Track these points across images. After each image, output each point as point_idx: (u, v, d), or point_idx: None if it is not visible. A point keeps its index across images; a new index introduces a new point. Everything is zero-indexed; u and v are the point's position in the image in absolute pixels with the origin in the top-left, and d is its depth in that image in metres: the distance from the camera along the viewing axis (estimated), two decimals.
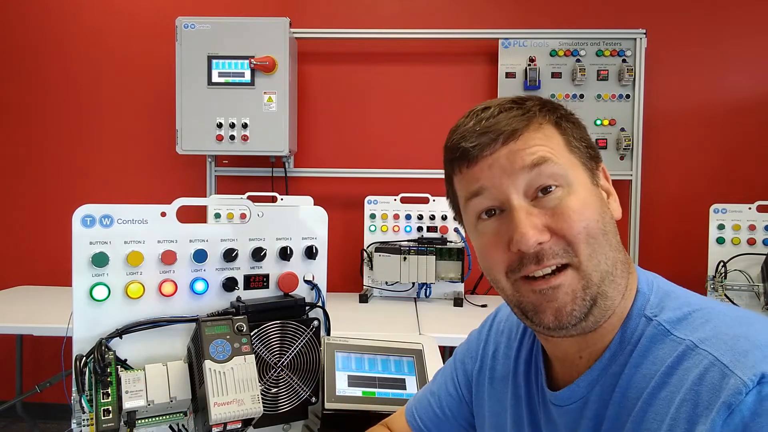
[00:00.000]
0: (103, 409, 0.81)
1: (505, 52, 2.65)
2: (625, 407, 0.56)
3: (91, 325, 0.89)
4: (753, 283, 2.17)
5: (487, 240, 0.62)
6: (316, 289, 1.07)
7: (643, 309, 0.60)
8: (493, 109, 0.63)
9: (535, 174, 0.59)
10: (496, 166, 0.60)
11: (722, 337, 0.52)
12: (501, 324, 0.81)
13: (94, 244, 0.89)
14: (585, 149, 0.63)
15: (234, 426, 0.81)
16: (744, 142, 2.72)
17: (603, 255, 0.58)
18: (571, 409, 0.62)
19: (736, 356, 0.49)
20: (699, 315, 0.56)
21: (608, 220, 0.60)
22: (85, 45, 2.84)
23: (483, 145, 0.61)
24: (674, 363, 0.53)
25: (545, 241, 0.58)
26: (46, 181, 2.88)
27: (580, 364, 0.63)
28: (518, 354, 0.74)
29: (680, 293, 0.61)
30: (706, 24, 2.72)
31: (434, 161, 2.72)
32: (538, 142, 0.60)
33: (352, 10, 2.80)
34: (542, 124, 0.62)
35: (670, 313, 0.58)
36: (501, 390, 0.76)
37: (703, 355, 0.51)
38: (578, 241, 0.57)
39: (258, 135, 2.48)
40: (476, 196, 0.62)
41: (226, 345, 0.84)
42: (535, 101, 0.64)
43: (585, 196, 0.60)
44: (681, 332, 0.55)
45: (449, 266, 2.38)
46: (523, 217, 0.58)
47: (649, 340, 0.57)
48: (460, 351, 0.88)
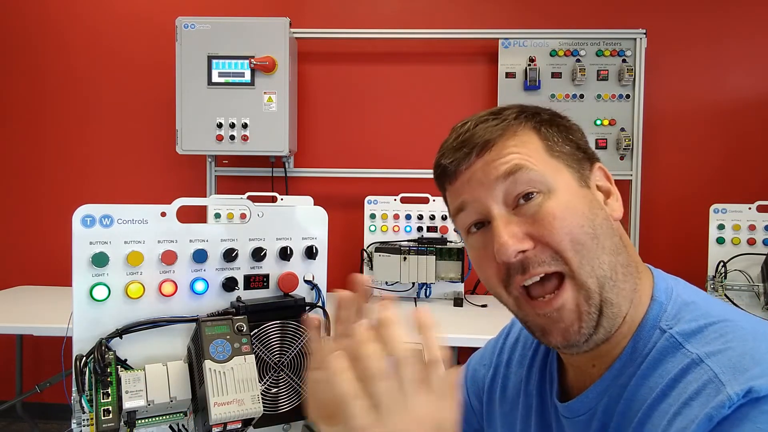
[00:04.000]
0: (103, 409, 0.81)
1: (505, 52, 2.65)
2: (627, 418, 0.55)
3: (91, 325, 0.89)
4: (753, 283, 2.17)
5: (477, 253, 0.62)
6: (316, 289, 1.07)
7: (658, 320, 0.57)
8: (469, 123, 0.63)
9: (510, 183, 0.58)
10: (474, 179, 0.60)
11: (730, 353, 0.50)
12: (516, 333, 0.80)
13: (94, 244, 0.89)
14: (572, 152, 0.62)
15: (234, 426, 0.81)
16: (744, 142, 2.72)
17: (596, 260, 0.56)
18: (580, 421, 0.61)
19: (735, 373, 0.48)
20: (715, 328, 0.54)
21: (600, 222, 0.58)
22: (85, 45, 2.84)
23: (459, 159, 0.61)
24: (678, 375, 0.52)
25: (528, 248, 0.57)
26: (46, 182, 2.88)
27: (593, 373, 0.62)
28: (531, 363, 0.73)
29: (700, 303, 0.58)
30: (706, 24, 2.72)
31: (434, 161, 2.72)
32: (512, 150, 0.59)
33: (352, 10, 2.80)
34: (517, 131, 0.61)
35: (685, 325, 0.55)
36: (513, 400, 0.74)
37: (704, 370, 0.50)
38: (563, 248, 0.56)
39: (258, 135, 2.48)
40: (461, 211, 0.62)
41: (226, 345, 0.84)
42: (513, 109, 0.63)
43: (568, 200, 0.58)
44: (692, 346, 0.53)
45: (449, 266, 2.38)
46: (500, 226, 0.57)
47: (660, 352, 0.55)
48: (474, 359, 0.87)
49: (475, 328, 2.01)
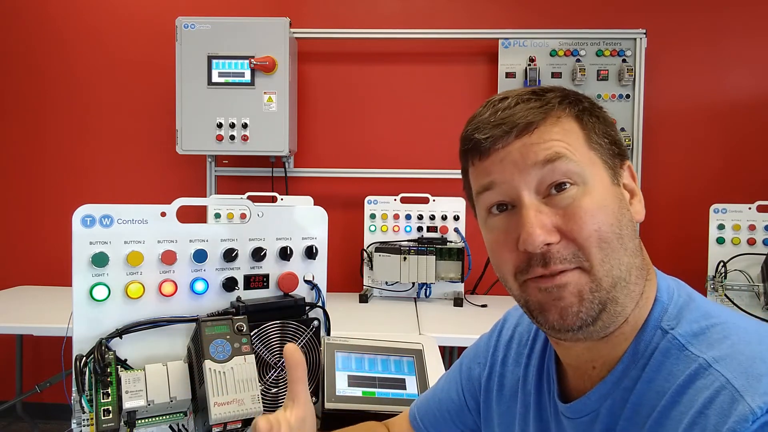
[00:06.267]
0: (103, 409, 0.81)
1: (505, 52, 2.65)
2: (635, 423, 0.55)
3: (91, 325, 0.89)
4: (753, 283, 2.17)
5: (496, 237, 0.60)
6: (316, 289, 1.07)
7: (659, 320, 0.57)
8: (510, 99, 0.61)
9: (548, 170, 0.56)
10: (508, 160, 0.58)
11: (738, 357, 0.50)
12: (510, 330, 0.79)
13: (94, 244, 0.89)
14: (608, 146, 0.60)
15: (234, 426, 0.81)
16: (744, 142, 2.72)
17: (617, 260, 0.56)
18: (583, 422, 0.61)
19: (749, 381, 0.47)
20: (717, 330, 0.54)
21: (626, 222, 0.58)
22: (85, 45, 2.84)
23: (495, 137, 0.59)
24: (686, 382, 0.51)
25: (554, 242, 0.56)
26: (46, 181, 2.88)
27: (593, 374, 0.61)
28: (528, 362, 0.72)
29: (700, 303, 0.58)
30: (706, 24, 2.72)
31: (434, 161, 2.73)
32: (554, 137, 0.58)
33: (352, 10, 2.80)
34: (561, 117, 0.59)
35: (687, 326, 0.55)
36: (510, 398, 0.74)
37: (715, 376, 0.49)
38: (589, 245, 0.55)
39: (258, 135, 2.48)
40: (487, 190, 0.60)
41: (226, 345, 0.84)
42: (557, 92, 0.61)
43: (602, 196, 0.57)
44: (696, 348, 0.53)
45: (449, 266, 2.38)
46: (531, 215, 0.56)
47: (663, 354, 0.55)
48: (467, 356, 0.86)
49: (475, 328, 2.01)
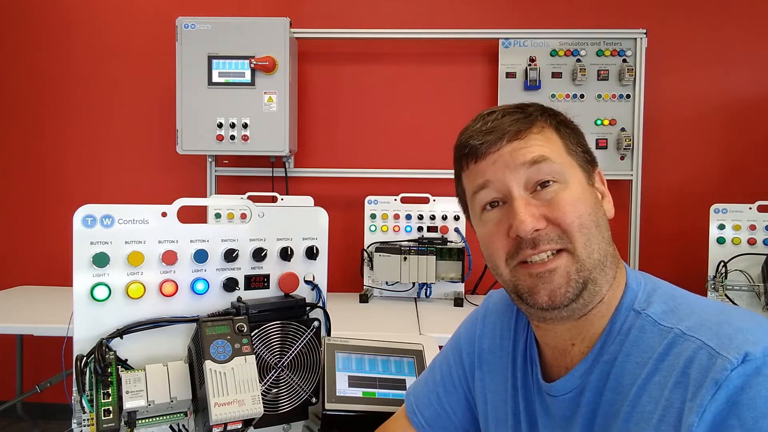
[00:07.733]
0: (104, 409, 0.81)
1: (506, 52, 2.65)
2: (620, 393, 0.61)
3: (91, 325, 0.89)
4: (753, 283, 2.17)
5: (490, 228, 0.68)
6: (316, 289, 1.07)
7: (632, 304, 0.65)
8: (497, 112, 0.70)
9: (534, 170, 0.65)
10: (500, 161, 0.67)
11: (707, 324, 0.57)
12: (493, 316, 0.83)
13: (94, 244, 0.89)
14: (582, 153, 0.70)
15: (234, 426, 0.81)
16: (744, 142, 2.72)
17: (596, 245, 0.64)
18: (566, 399, 0.67)
19: (722, 340, 0.54)
20: (683, 307, 0.62)
21: (601, 215, 0.67)
22: (86, 45, 2.84)
23: (489, 142, 0.68)
24: (665, 350, 0.58)
25: (541, 228, 0.64)
26: (47, 181, 2.88)
27: (573, 352, 0.68)
28: (515, 346, 0.78)
29: (666, 288, 0.67)
30: (706, 24, 2.72)
31: (435, 161, 2.73)
32: (539, 143, 0.67)
33: (352, 10, 2.80)
34: (544, 127, 0.69)
35: (657, 306, 0.63)
36: (501, 382, 0.78)
37: (691, 341, 0.56)
38: (572, 230, 0.63)
39: (258, 135, 2.48)
40: (482, 189, 0.69)
41: (226, 345, 0.84)
42: (536, 107, 0.71)
43: (580, 192, 0.66)
44: (669, 322, 0.60)
45: (449, 266, 2.38)
46: (522, 206, 0.64)
47: (639, 330, 0.62)
48: (452, 348, 0.88)
49: None
